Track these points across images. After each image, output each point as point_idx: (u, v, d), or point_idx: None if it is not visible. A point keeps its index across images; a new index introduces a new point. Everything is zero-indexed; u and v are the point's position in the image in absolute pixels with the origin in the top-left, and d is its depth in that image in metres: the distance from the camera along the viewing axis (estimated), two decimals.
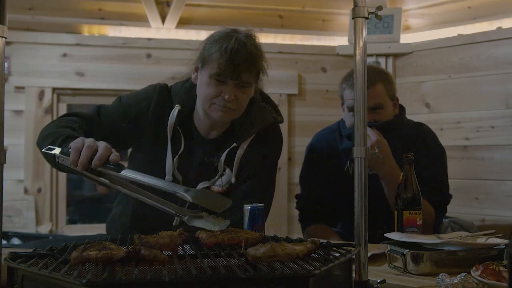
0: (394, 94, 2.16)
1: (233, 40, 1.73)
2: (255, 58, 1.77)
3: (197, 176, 1.87)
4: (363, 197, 1.17)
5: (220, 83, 1.75)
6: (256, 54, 1.77)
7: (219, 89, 1.75)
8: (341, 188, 2.15)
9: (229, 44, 1.71)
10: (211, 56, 1.75)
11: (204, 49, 1.79)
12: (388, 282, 1.24)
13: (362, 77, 1.18)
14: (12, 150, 3.06)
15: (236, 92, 1.76)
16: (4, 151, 1.14)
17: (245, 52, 1.73)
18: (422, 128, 2.22)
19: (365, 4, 1.18)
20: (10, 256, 1.02)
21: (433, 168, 2.08)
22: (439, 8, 3.47)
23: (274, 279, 0.89)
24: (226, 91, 1.75)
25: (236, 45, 1.72)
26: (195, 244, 1.24)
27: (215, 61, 1.73)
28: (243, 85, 1.77)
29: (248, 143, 1.86)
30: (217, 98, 1.76)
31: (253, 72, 1.79)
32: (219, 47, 1.73)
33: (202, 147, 1.88)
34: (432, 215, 1.97)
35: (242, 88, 1.78)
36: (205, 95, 1.78)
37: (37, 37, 3.24)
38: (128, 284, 0.84)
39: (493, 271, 1.17)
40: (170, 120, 1.84)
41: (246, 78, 1.76)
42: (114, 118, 1.85)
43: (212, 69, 1.74)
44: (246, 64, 1.74)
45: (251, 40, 1.78)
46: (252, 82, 1.81)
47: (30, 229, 3.11)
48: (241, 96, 1.78)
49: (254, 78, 1.81)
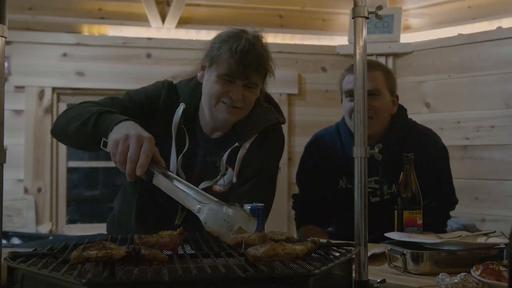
0: (393, 88, 2.14)
1: (243, 40, 1.73)
2: (264, 59, 1.78)
3: (199, 175, 1.87)
4: (363, 197, 1.17)
5: (228, 82, 1.75)
6: (264, 55, 1.78)
7: (227, 88, 1.76)
8: (335, 192, 2.17)
9: (239, 45, 1.72)
10: (220, 55, 1.75)
11: (212, 48, 1.79)
12: (388, 282, 1.24)
13: (362, 77, 1.18)
14: (12, 150, 3.06)
15: (243, 92, 1.77)
16: (4, 151, 1.14)
17: (255, 53, 1.73)
18: (425, 132, 2.20)
19: (365, 3, 1.18)
20: (10, 255, 1.02)
21: (439, 173, 2.10)
22: (439, 8, 3.47)
23: (274, 279, 0.89)
24: (234, 90, 1.75)
25: (246, 45, 1.72)
26: (195, 244, 1.24)
27: (224, 61, 1.73)
28: (250, 85, 1.77)
29: (250, 143, 1.86)
30: (225, 96, 1.77)
31: (261, 73, 1.80)
32: (229, 47, 1.73)
33: (205, 146, 1.88)
34: None
35: (249, 89, 1.78)
36: (212, 93, 1.78)
37: (37, 37, 3.24)
38: (128, 284, 0.84)
39: (493, 271, 1.17)
40: (175, 119, 1.84)
41: (255, 79, 1.77)
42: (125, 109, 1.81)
43: (221, 69, 1.74)
44: (255, 65, 1.74)
45: (259, 41, 1.79)
46: (259, 83, 1.81)
47: (30, 229, 3.11)
48: (248, 96, 1.79)
49: (261, 79, 1.82)
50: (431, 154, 2.08)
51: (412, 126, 2.20)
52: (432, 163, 2.06)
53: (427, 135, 2.19)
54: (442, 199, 2.09)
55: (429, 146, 2.12)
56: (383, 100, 2.09)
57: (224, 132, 1.89)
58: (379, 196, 2.11)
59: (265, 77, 1.85)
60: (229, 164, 1.86)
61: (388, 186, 2.11)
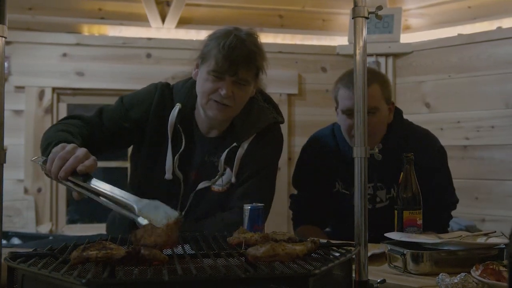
0: (390, 97, 2.12)
1: (231, 36, 1.73)
2: (253, 55, 1.76)
3: (198, 175, 1.88)
4: (363, 197, 1.17)
5: (218, 79, 1.75)
6: (254, 52, 1.76)
7: (217, 85, 1.75)
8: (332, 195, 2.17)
9: (227, 41, 1.72)
10: (209, 52, 1.75)
11: (204, 46, 1.80)
12: (388, 282, 1.24)
13: (362, 77, 1.18)
14: (12, 150, 3.06)
15: (233, 88, 1.76)
16: (4, 151, 1.14)
17: (243, 49, 1.73)
18: (422, 133, 2.18)
19: (365, 3, 1.18)
20: (10, 256, 1.02)
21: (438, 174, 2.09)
22: (439, 8, 3.47)
23: (274, 279, 0.89)
24: (223, 87, 1.74)
25: (234, 41, 1.72)
26: (195, 244, 1.24)
27: (213, 57, 1.73)
28: (240, 82, 1.76)
29: (248, 143, 1.86)
30: (214, 93, 1.76)
31: (251, 70, 1.78)
32: (217, 43, 1.74)
33: (202, 146, 1.89)
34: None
35: (239, 86, 1.77)
36: (202, 90, 1.79)
37: (37, 37, 3.23)
38: (128, 284, 0.84)
39: (493, 271, 1.17)
40: (171, 119, 1.85)
41: (243, 75, 1.76)
42: (116, 119, 1.85)
43: (210, 65, 1.75)
44: (244, 60, 1.73)
45: (251, 38, 1.78)
46: (250, 80, 1.80)
47: (30, 229, 3.11)
48: (239, 94, 1.78)
49: (252, 76, 1.80)
50: (429, 155, 2.07)
51: (408, 128, 2.18)
52: (431, 164, 2.05)
53: (425, 136, 2.18)
54: (442, 199, 2.10)
55: (426, 147, 2.11)
56: (381, 115, 2.06)
57: (221, 131, 1.88)
58: (378, 203, 2.11)
59: (257, 75, 1.83)
60: (228, 164, 1.86)
61: (386, 191, 2.11)
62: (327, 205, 2.21)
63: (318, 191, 2.20)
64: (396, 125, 2.14)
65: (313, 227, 2.22)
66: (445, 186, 2.14)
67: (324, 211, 2.23)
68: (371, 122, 1.98)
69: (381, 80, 2.11)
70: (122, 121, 1.86)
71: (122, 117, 1.86)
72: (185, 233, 1.34)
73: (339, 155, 2.16)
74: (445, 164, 2.16)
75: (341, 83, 2.09)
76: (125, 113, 1.87)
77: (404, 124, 2.18)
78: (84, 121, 1.82)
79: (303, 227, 2.23)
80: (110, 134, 1.83)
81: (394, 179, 1.75)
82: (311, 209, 2.22)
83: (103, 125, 1.83)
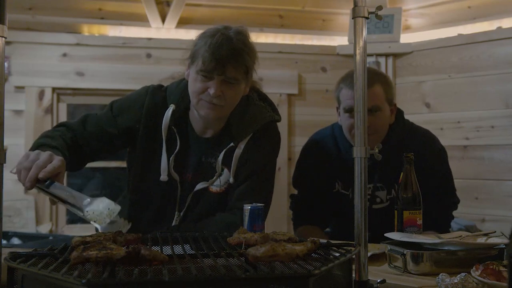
0: (392, 98, 2.12)
1: (218, 35, 1.72)
2: (240, 53, 1.73)
3: (195, 176, 1.87)
4: (363, 197, 1.17)
5: (206, 79, 1.74)
6: (242, 49, 1.74)
7: (206, 84, 1.74)
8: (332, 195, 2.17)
9: (213, 39, 1.71)
10: (197, 51, 1.75)
11: (194, 46, 1.79)
12: (388, 282, 1.24)
13: (362, 77, 1.18)
14: (12, 150, 3.04)
15: (223, 88, 1.74)
16: (4, 151, 1.14)
17: (230, 47, 1.71)
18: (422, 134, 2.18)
19: (365, 4, 1.18)
20: (10, 256, 1.02)
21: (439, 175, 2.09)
22: (439, 8, 3.47)
23: (274, 279, 0.89)
24: (212, 86, 1.73)
25: (220, 39, 1.70)
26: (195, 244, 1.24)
27: (200, 57, 1.72)
28: (229, 81, 1.74)
29: (245, 143, 1.85)
30: (204, 93, 1.75)
31: (240, 68, 1.75)
32: (205, 42, 1.73)
33: (198, 147, 1.88)
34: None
35: (229, 84, 1.75)
36: (192, 91, 1.78)
37: (37, 37, 3.23)
38: (128, 284, 0.84)
39: (493, 271, 1.17)
40: (165, 121, 1.83)
41: (232, 74, 1.74)
42: (102, 125, 1.85)
43: (198, 64, 1.73)
44: (230, 58, 1.71)
45: (239, 36, 1.76)
46: (240, 78, 1.77)
47: (30, 229, 3.11)
48: (228, 93, 1.76)
49: (241, 74, 1.77)
50: (429, 156, 2.07)
51: (409, 129, 2.18)
52: (431, 165, 2.05)
53: (425, 137, 2.18)
54: (443, 200, 2.10)
55: (427, 148, 2.11)
56: (383, 115, 2.07)
57: (217, 131, 1.87)
58: (377, 204, 2.11)
59: (247, 73, 1.80)
60: (225, 165, 1.85)
61: (387, 191, 2.11)
62: (327, 205, 2.21)
63: (318, 191, 2.20)
64: (397, 126, 2.14)
65: (313, 227, 2.22)
66: (446, 187, 2.14)
67: (324, 211, 2.23)
68: (372, 122, 1.99)
69: (383, 81, 2.11)
70: (108, 127, 1.85)
71: (109, 124, 1.85)
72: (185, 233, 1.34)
73: (339, 155, 2.16)
74: (446, 164, 2.16)
75: (344, 83, 2.09)
76: (113, 119, 1.86)
77: (405, 125, 2.18)
78: (68, 128, 1.83)
79: (303, 227, 2.23)
80: (95, 140, 1.84)
81: (394, 180, 1.75)
82: (311, 209, 2.22)
83: (84, 132, 1.83)
